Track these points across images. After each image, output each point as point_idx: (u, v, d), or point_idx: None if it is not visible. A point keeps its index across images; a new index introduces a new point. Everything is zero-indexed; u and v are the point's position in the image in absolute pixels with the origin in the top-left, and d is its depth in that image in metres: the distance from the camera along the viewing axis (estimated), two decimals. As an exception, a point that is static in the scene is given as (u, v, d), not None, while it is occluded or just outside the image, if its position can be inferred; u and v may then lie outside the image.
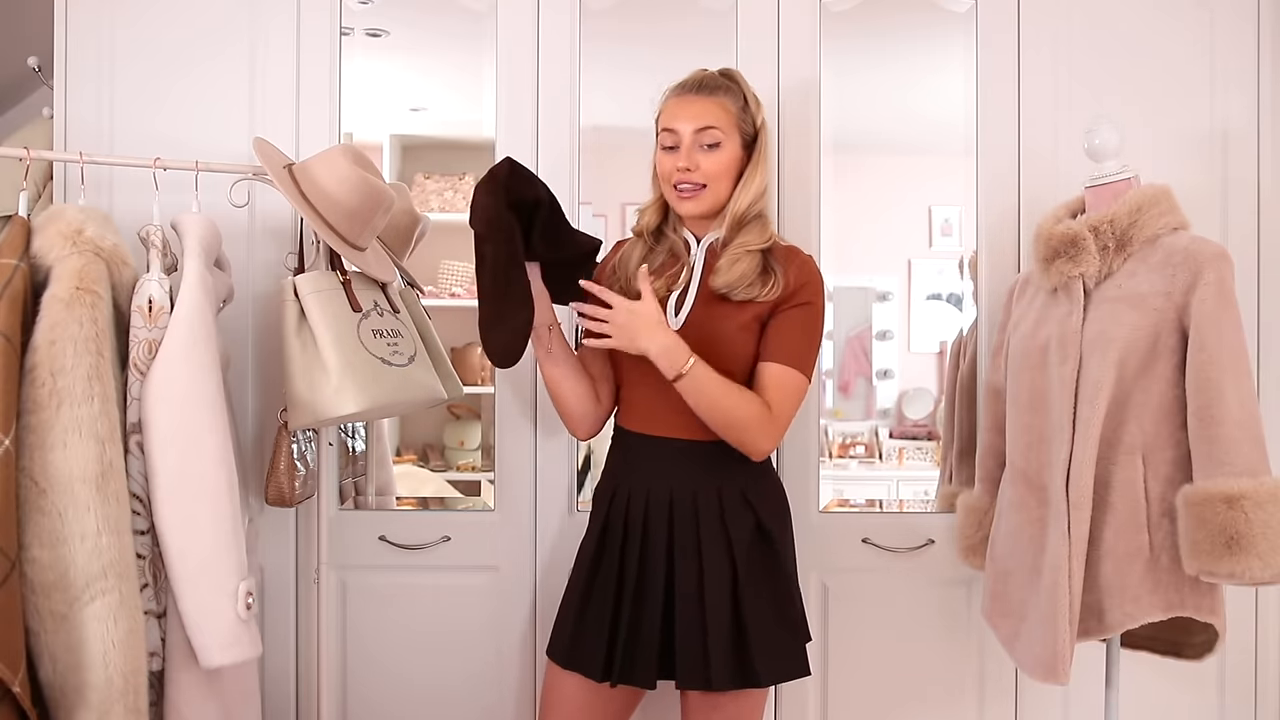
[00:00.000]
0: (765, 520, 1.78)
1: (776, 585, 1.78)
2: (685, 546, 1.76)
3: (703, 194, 1.79)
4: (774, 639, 1.75)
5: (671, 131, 1.78)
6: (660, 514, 1.78)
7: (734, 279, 1.76)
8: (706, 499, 1.77)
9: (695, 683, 1.73)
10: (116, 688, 1.55)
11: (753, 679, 1.72)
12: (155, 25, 2.19)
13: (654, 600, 1.77)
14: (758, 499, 1.79)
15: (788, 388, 1.75)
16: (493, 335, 1.76)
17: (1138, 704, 2.19)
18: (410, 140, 2.56)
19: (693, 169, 1.77)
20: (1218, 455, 1.66)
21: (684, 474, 1.79)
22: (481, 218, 1.72)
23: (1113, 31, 2.27)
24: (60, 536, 1.54)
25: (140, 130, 2.16)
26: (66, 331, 1.57)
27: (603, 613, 1.79)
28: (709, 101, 1.78)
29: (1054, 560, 1.76)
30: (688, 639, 1.73)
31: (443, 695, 2.25)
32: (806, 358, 1.77)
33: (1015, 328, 2.00)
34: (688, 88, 1.81)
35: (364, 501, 2.36)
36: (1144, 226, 1.79)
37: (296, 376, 1.82)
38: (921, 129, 2.49)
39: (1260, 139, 2.27)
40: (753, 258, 1.78)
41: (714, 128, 1.77)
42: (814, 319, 1.79)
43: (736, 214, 1.79)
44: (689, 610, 1.74)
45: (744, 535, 1.76)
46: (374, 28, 2.33)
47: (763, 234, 1.80)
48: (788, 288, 1.77)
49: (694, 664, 1.72)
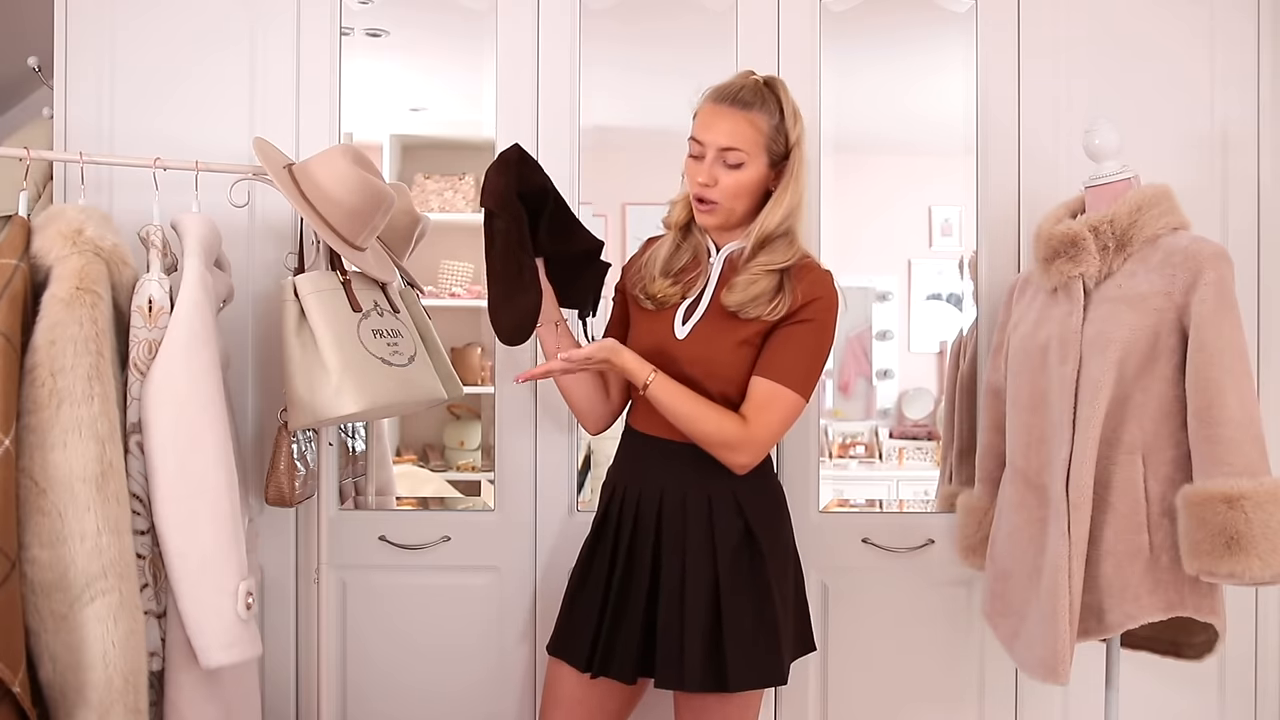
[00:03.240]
0: (754, 525, 1.77)
1: (760, 591, 1.76)
2: (671, 546, 1.77)
3: (716, 210, 1.77)
4: (750, 645, 1.73)
5: (698, 142, 1.77)
6: (650, 512, 1.79)
7: (746, 300, 1.74)
8: (696, 501, 1.77)
9: (670, 682, 1.73)
10: (116, 688, 1.55)
11: (722, 683, 1.71)
12: (155, 25, 2.19)
13: (637, 597, 1.78)
14: (749, 503, 1.79)
15: (774, 405, 1.72)
16: (502, 315, 1.78)
17: (1138, 704, 2.18)
18: (410, 140, 2.56)
19: (711, 185, 1.75)
20: (1218, 455, 1.65)
21: (677, 474, 1.79)
22: (493, 195, 1.74)
23: (1113, 31, 2.27)
24: (60, 536, 1.54)
25: (140, 130, 2.16)
26: (66, 331, 1.56)
27: (591, 605, 1.81)
28: (740, 118, 1.73)
29: (1054, 560, 1.76)
30: (666, 638, 1.74)
31: (443, 695, 2.25)
32: (801, 375, 1.73)
33: (1015, 328, 2.00)
34: (723, 97, 1.75)
35: (364, 501, 2.36)
36: (1144, 227, 1.79)
37: (296, 376, 1.82)
38: (921, 129, 2.49)
39: (1260, 139, 2.26)
40: (771, 278, 1.75)
41: (737, 149, 1.73)
42: (815, 336, 1.76)
43: (764, 233, 1.76)
44: (670, 610, 1.74)
45: (730, 539, 1.76)
46: (374, 28, 2.33)
47: (788, 251, 1.77)
48: (794, 304, 1.74)
49: (670, 663, 1.73)
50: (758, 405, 1.72)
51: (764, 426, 1.72)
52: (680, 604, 1.74)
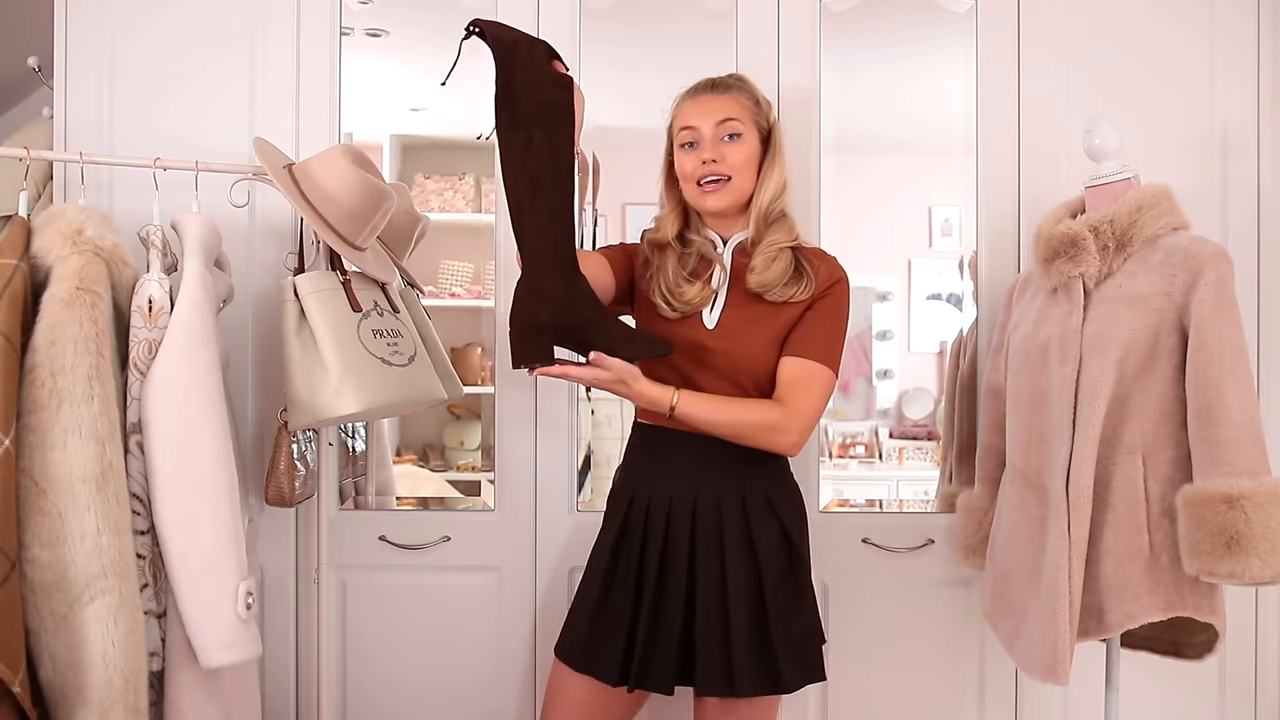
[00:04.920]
0: (789, 526, 1.78)
1: (800, 591, 1.78)
2: (708, 551, 1.75)
3: (728, 186, 1.78)
4: (797, 644, 1.74)
5: (691, 129, 1.79)
6: (683, 519, 1.76)
7: (772, 278, 1.75)
8: (731, 504, 1.76)
9: (717, 689, 1.71)
10: (116, 688, 1.55)
11: (778, 684, 1.71)
12: (155, 25, 2.19)
13: (674, 606, 1.75)
14: (781, 503, 1.79)
15: (810, 381, 1.73)
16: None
17: (1138, 704, 2.19)
18: (410, 140, 2.56)
19: (718, 160, 1.77)
20: (1218, 455, 1.65)
21: (707, 477, 1.77)
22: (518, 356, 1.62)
23: (1113, 30, 2.27)
24: (60, 536, 1.54)
25: (140, 130, 2.17)
26: (66, 331, 1.56)
27: (620, 617, 1.77)
28: (725, 98, 1.80)
29: (1054, 560, 1.76)
30: (709, 645, 1.72)
31: (443, 695, 2.25)
32: (829, 351, 1.76)
33: (1015, 328, 2.00)
34: (701, 89, 1.83)
35: (364, 501, 2.36)
36: (1144, 227, 1.79)
37: (296, 376, 1.82)
38: (921, 129, 2.49)
39: (1260, 139, 2.26)
40: (786, 255, 1.78)
41: (734, 119, 1.78)
42: (840, 314, 1.80)
43: (761, 210, 1.79)
44: (710, 616, 1.72)
45: (768, 540, 1.75)
46: (374, 28, 2.32)
47: (790, 232, 1.80)
48: (820, 286, 1.77)
49: (716, 670, 1.71)
50: (793, 383, 1.73)
51: (805, 401, 1.73)
52: (723, 610, 1.72)
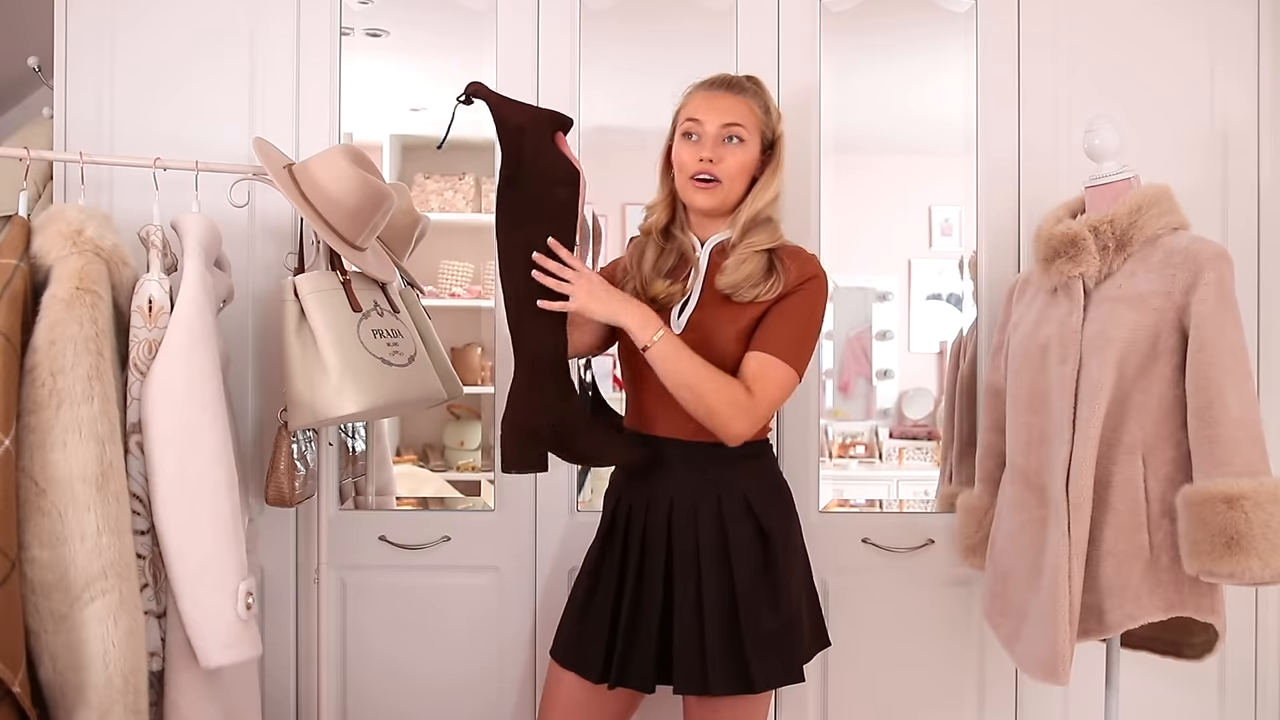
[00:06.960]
0: (766, 526, 1.77)
1: (777, 591, 1.77)
2: (684, 554, 1.76)
3: (717, 189, 1.78)
4: (771, 644, 1.74)
5: (697, 121, 1.79)
6: (660, 520, 1.78)
7: (739, 279, 1.75)
8: (707, 507, 1.77)
9: (692, 687, 1.73)
10: (116, 688, 1.55)
11: (748, 684, 1.71)
12: (155, 25, 2.19)
13: (652, 605, 1.77)
14: (759, 503, 1.79)
15: (769, 377, 1.72)
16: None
17: (1138, 704, 2.18)
18: (410, 140, 2.56)
19: (715, 161, 1.77)
20: (1218, 455, 1.65)
21: (685, 480, 1.78)
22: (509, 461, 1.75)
23: (1113, 30, 2.27)
24: (60, 536, 1.54)
25: (140, 130, 2.16)
26: (66, 331, 1.56)
27: (603, 615, 1.80)
28: (737, 100, 1.80)
29: (1054, 560, 1.76)
30: (685, 644, 1.73)
31: (443, 695, 2.25)
32: (794, 350, 1.74)
33: (1015, 328, 2.00)
34: (716, 84, 1.82)
35: (364, 501, 2.36)
36: (1144, 227, 1.79)
37: (296, 376, 1.82)
38: (921, 129, 2.49)
39: (1260, 139, 2.26)
40: (760, 258, 1.77)
41: (740, 124, 1.78)
42: (808, 312, 1.77)
43: (749, 216, 1.79)
44: (687, 616, 1.74)
45: (742, 541, 1.76)
46: (374, 28, 2.33)
47: (772, 235, 1.80)
48: (787, 285, 1.76)
49: (691, 669, 1.72)
50: (751, 377, 1.72)
51: (762, 396, 1.71)
52: (698, 610, 1.73)
